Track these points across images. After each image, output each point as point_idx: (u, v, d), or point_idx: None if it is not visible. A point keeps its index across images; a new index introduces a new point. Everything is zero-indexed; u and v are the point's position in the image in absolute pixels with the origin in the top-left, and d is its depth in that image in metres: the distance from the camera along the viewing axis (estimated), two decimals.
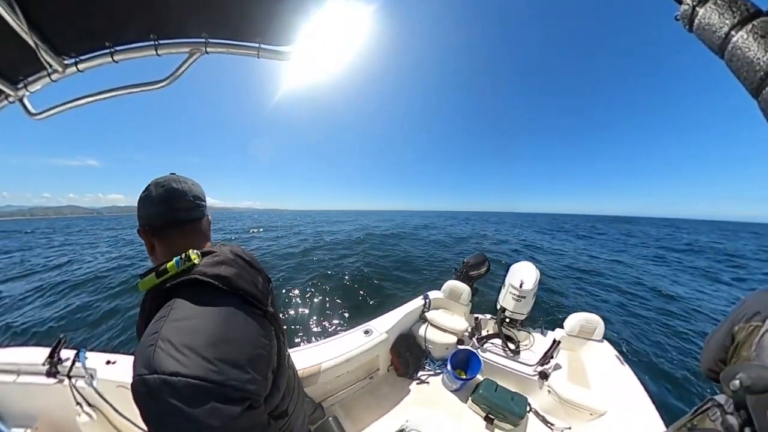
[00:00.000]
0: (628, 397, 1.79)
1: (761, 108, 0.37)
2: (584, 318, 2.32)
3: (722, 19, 0.41)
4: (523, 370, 2.29)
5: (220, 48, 1.20)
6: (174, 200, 0.72)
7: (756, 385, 0.57)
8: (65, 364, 1.50)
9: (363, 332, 2.39)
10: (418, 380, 2.46)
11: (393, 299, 5.74)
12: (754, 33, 0.38)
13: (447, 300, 3.01)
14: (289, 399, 0.84)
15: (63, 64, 1.05)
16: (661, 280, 8.85)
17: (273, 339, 0.74)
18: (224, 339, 0.57)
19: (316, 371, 2.00)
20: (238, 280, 0.69)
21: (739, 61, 0.39)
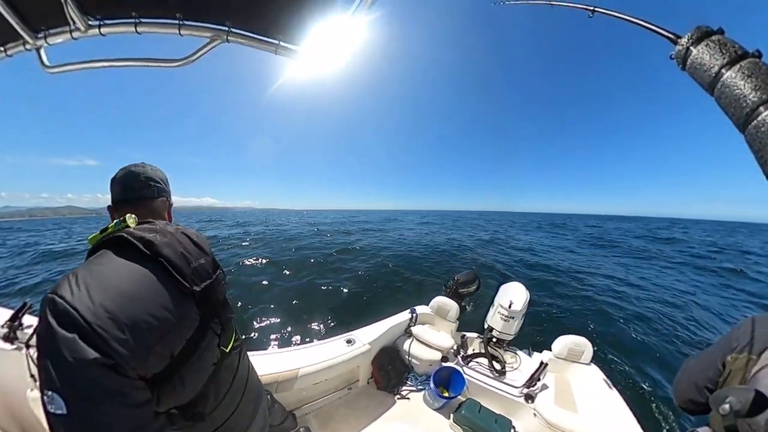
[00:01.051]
0: (616, 422, 1.72)
1: (747, 141, 0.40)
2: (572, 341, 2.28)
3: (713, 60, 0.45)
4: (509, 391, 2.20)
5: (240, 39, 1.24)
6: (128, 179, 0.87)
7: (746, 408, 0.55)
8: (26, 331, 1.40)
9: (345, 341, 2.31)
10: (399, 395, 2.34)
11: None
12: (742, 73, 0.42)
13: (434, 316, 2.95)
14: (215, 401, 0.81)
15: (87, 23, 1.09)
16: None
17: (186, 320, 0.72)
18: (118, 291, 0.60)
19: (292, 376, 1.89)
20: (163, 248, 0.72)
21: (728, 98, 0.43)
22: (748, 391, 0.57)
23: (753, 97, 0.39)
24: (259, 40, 1.23)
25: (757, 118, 0.38)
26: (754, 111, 0.39)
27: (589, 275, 8.75)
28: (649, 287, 7.78)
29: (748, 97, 0.39)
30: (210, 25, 1.20)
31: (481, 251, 12.27)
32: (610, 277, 8.63)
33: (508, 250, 13.28)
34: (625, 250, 15.86)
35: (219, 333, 0.85)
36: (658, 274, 9.75)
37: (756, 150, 0.39)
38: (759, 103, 0.38)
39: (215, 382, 0.82)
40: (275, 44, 1.22)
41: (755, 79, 0.40)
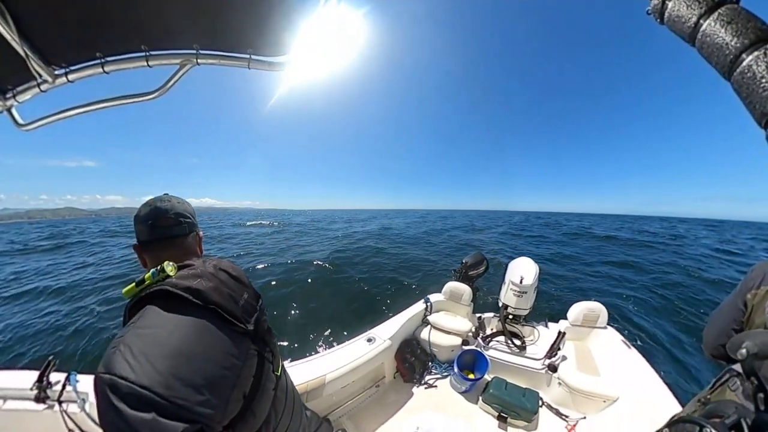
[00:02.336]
0: (638, 380, 1.77)
1: (734, 88, 0.40)
2: (587, 307, 2.32)
3: (690, 10, 0.44)
4: (531, 365, 2.25)
5: (210, 59, 1.22)
6: (156, 218, 0.79)
7: (763, 351, 0.58)
8: (55, 388, 1.41)
9: (366, 340, 2.34)
10: (425, 385, 2.39)
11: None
12: (721, 20, 0.41)
13: (448, 302, 2.98)
14: (275, 422, 0.83)
15: (53, 74, 1.06)
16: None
17: (249, 359, 0.71)
18: (184, 354, 0.56)
19: (320, 384, 1.92)
20: (212, 294, 0.68)
21: (709, 47, 0.42)
22: (763, 333, 0.59)
23: (735, 43, 0.39)
24: (229, 57, 1.21)
25: (741, 65, 0.38)
26: (738, 57, 0.38)
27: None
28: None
29: (730, 44, 0.39)
30: (177, 51, 1.17)
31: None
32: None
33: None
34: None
35: (271, 360, 0.86)
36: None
37: (744, 96, 0.39)
38: (742, 49, 0.38)
39: (275, 405, 0.84)
40: (246, 58, 1.20)
41: (735, 24, 0.39)
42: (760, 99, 0.37)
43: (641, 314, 5.45)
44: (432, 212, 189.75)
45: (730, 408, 0.62)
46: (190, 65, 1.24)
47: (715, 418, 0.62)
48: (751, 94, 0.37)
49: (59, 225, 59.70)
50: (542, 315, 2.82)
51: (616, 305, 5.71)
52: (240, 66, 1.24)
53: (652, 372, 1.78)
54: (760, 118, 0.37)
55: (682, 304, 5.98)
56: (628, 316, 5.27)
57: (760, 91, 0.36)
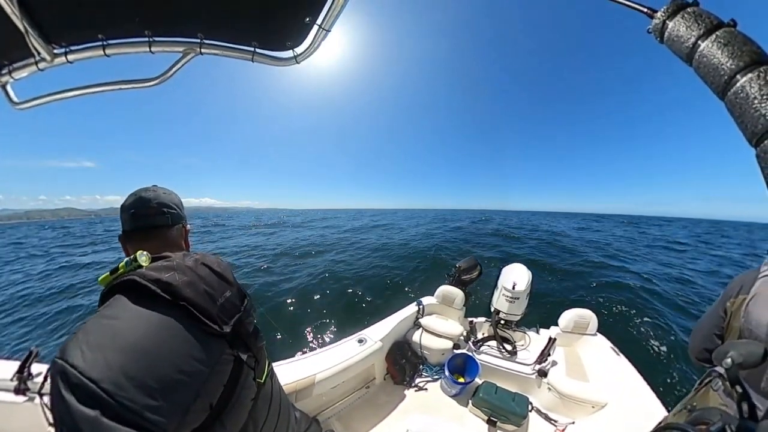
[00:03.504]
0: (627, 386, 1.79)
1: (727, 108, 0.42)
2: (577, 314, 2.35)
3: (689, 31, 0.46)
4: (522, 370, 2.26)
5: (214, 50, 1.20)
6: (138, 207, 0.78)
7: (747, 360, 0.60)
8: (36, 380, 1.35)
9: (357, 341, 2.32)
10: (416, 387, 2.38)
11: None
12: (718, 42, 0.43)
13: (441, 305, 2.99)
14: (252, 429, 0.77)
15: (52, 52, 1.03)
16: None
17: (221, 365, 0.66)
18: (140, 351, 0.51)
19: (310, 383, 1.90)
20: (184, 289, 0.63)
21: (706, 67, 0.44)
22: (747, 344, 0.62)
23: (730, 65, 0.40)
24: (233, 48, 1.19)
25: (735, 86, 0.40)
26: (732, 78, 0.40)
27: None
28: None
29: (726, 65, 0.41)
30: (181, 39, 1.15)
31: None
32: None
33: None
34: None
35: (253, 366, 0.80)
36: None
37: (736, 116, 0.40)
38: (736, 71, 0.40)
39: (253, 416, 0.78)
40: (251, 51, 1.18)
41: (731, 47, 0.41)
42: (751, 119, 0.38)
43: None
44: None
45: (715, 415, 0.64)
46: (193, 54, 1.22)
47: (701, 425, 0.64)
48: (743, 114, 0.39)
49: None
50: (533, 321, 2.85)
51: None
52: (244, 58, 1.23)
53: (640, 379, 1.81)
54: (751, 137, 0.39)
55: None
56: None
57: (751, 112, 0.38)
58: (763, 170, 0.38)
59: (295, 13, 1.04)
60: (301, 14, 1.05)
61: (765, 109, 0.37)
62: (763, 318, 0.76)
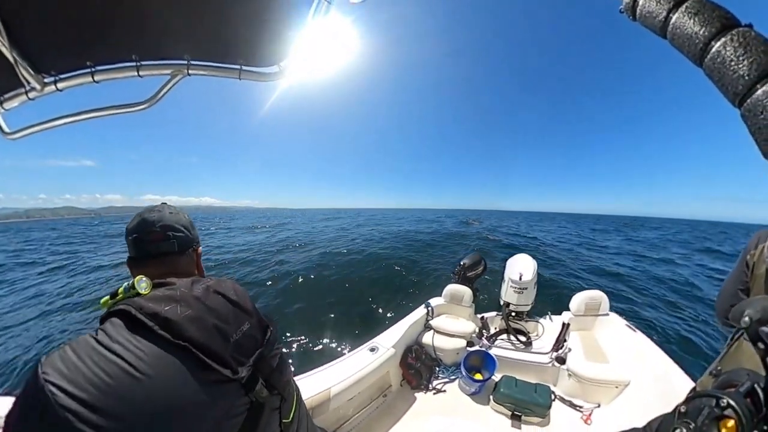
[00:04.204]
0: (648, 362, 1.75)
1: (706, 74, 0.44)
2: (588, 296, 2.33)
3: (659, 5, 0.48)
4: (539, 360, 2.21)
5: (201, 70, 1.23)
6: (140, 232, 0.70)
7: (765, 315, 0.59)
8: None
9: (369, 350, 2.27)
10: (434, 390, 2.31)
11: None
12: (689, 12, 0.45)
13: (449, 305, 2.94)
14: None
15: (42, 82, 1.05)
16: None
17: (233, 416, 0.58)
18: (127, 382, 0.45)
19: (325, 398, 1.84)
20: (186, 326, 0.55)
21: (680, 38, 0.46)
22: (763, 299, 0.63)
23: (703, 32, 0.42)
24: (220, 68, 1.22)
25: (710, 52, 0.41)
26: (707, 45, 0.42)
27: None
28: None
29: (699, 34, 0.42)
30: (168, 61, 1.19)
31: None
32: None
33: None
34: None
35: (279, 406, 0.71)
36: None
37: (716, 80, 0.42)
38: (710, 37, 0.41)
39: None
40: (237, 69, 1.21)
41: (701, 15, 0.43)
42: (731, 80, 0.40)
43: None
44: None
45: (743, 376, 0.63)
46: (181, 76, 1.25)
47: (729, 388, 0.62)
48: (723, 77, 0.41)
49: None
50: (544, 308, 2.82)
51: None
52: (231, 77, 1.26)
53: (660, 352, 1.77)
54: (733, 98, 0.40)
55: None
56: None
57: (730, 74, 0.40)
58: (750, 128, 0.39)
59: (278, 31, 1.08)
60: (285, 31, 1.08)
61: (742, 69, 0.38)
62: None
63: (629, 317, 3.12)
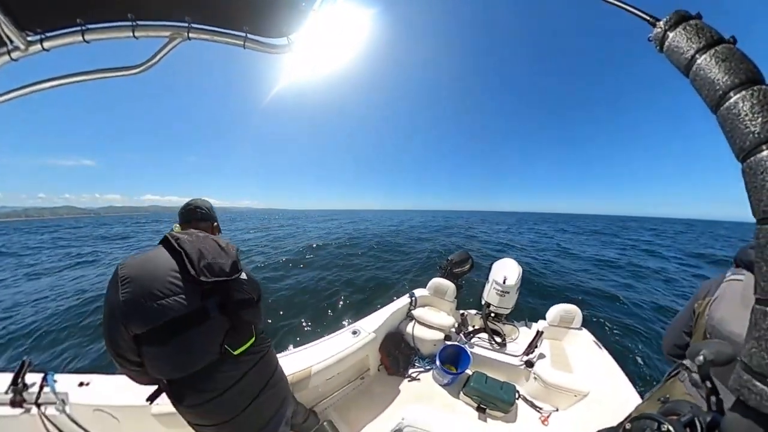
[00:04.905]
0: (607, 377, 1.92)
1: (719, 122, 0.43)
2: (563, 309, 2.46)
3: (689, 43, 0.47)
4: (510, 361, 2.38)
5: (203, 34, 1.12)
6: (184, 209, 1.23)
7: (718, 358, 0.65)
8: (32, 390, 1.30)
9: (351, 333, 2.35)
10: (409, 377, 2.46)
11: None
12: (716, 57, 0.43)
13: (433, 297, 3.05)
14: (208, 396, 0.94)
15: (26, 40, 0.92)
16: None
17: (185, 300, 0.91)
18: (150, 266, 0.93)
19: (306, 375, 1.93)
20: (185, 243, 0.99)
21: (702, 80, 0.45)
22: (719, 344, 0.68)
23: (726, 80, 0.41)
24: (223, 33, 1.12)
25: (728, 101, 0.41)
26: (726, 94, 0.41)
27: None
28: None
29: (721, 81, 0.42)
30: (167, 23, 1.07)
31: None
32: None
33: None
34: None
35: (227, 331, 0.99)
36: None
37: (727, 130, 0.42)
38: (731, 87, 0.41)
39: (212, 379, 0.96)
40: (242, 37, 1.12)
41: (729, 63, 0.42)
42: (740, 135, 0.40)
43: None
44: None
45: (686, 407, 0.70)
46: (180, 39, 1.13)
47: (672, 416, 0.70)
48: (733, 130, 0.41)
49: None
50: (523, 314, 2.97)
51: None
52: (234, 44, 1.16)
53: (620, 371, 1.94)
54: (739, 152, 0.41)
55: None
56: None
57: (741, 128, 0.40)
58: (747, 184, 0.40)
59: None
60: (297, 1, 0.99)
61: (754, 126, 0.38)
62: (724, 317, 0.84)
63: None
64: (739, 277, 0.84)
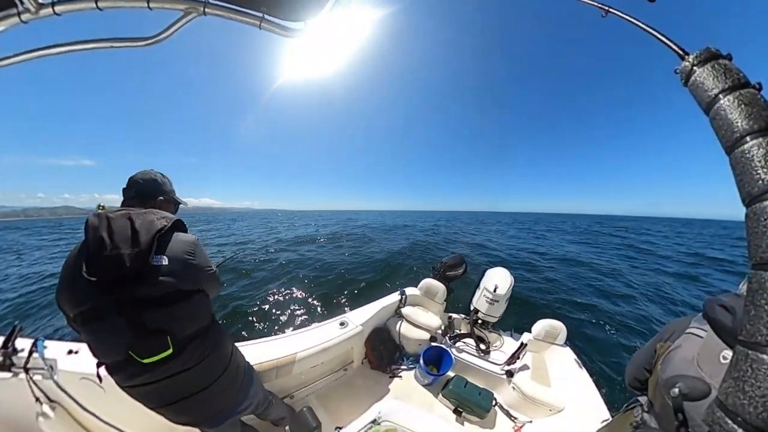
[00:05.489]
0: (583, 396, 1.97)
1: (731, 164, 0.44)
2: (549, 324, 2.50)
3: (715, 82, 0.47)
4: (492, 369, 2.43)
5: (219, 11, 1.08)
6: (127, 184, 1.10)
7: (692, 393, 0.68)
8: (21, 355, 1.31)
9: (338, 324, 2.38)
10: (391, 374, 2.51)
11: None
12: (739, 100, 0.44)
13: (423, 297, 3.07)
14: (131, 382, 0.91)
15: (37, 2, 0.88)
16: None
17: (79, 295, 0.83)
18: (72, 254, 0.88)
19: (290, 361, 1.96)
20: (89, 229, 0.86)
21: (722, 120, 0.45)
22: (694, 379, 0.71)
23: (744, 125, 0.42)
24: (240, 12, 1.09)
25: (743, 145, 0.42)
26: (743, 138, 0.42)
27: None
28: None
29: (740, 124, 0.43)
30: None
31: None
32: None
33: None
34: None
35: (125, 334, 0.85)
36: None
37: (737, 173, 0.43)
38: (749, 132, 0.42)
39: (130, 373, 0.90)
40: (259, 17, 1.09)
41: (750, 108, 0.43)
42: (750, 180, 0.41)
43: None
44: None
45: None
46: (195, 14, 1.09)
47: None
48: (744, 174, 0.41)
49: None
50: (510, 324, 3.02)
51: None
52: (251, 24, 1.12)
53: (595, 391, 1.99)
54: (746, 197, 0.41)
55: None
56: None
57: (752, 173, 0.40)
58: (748, 229, 0.41)
59: None
60: None
61: (765, 173, 0.39)
62: (675, 372, 0.81)
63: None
64: (700, 333, 0.82)
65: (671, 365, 0.84)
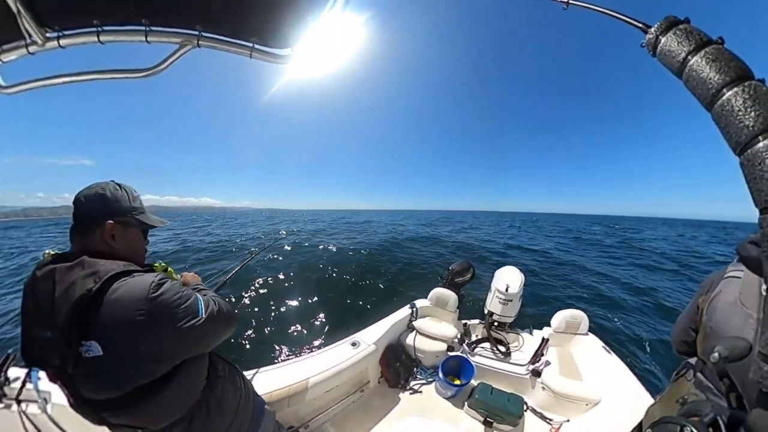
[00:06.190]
0: (618, 383, 1.83)
1: (714, 119, 0.45)
2: (569, 314, 2.39)
3: (680, 47, 0.50)
4: (516, 371, 2.27)
5: (212, 43, 1.18)
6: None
7: (732, 354, 0.63)
8: (14, 385, 1.25)
9: (350, 344, 2.28)
10: (410, 390, 2.35)
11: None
12: (707, 58, 0.46)
13: (434, 308, 2.97)
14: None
15: (44, 36, 0.99)
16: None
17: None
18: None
19: (303, 388, 1.84)
20: (24, 292, 0.68)
21: (695, 81, 0.47)
22: (733, 339, 0.66)
23: (717, 79, 0.43)
24: (231, 43, 1.19)
25: (721, 99, 0.43)
26: (719, 92, 0.43)
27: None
28: None
29: (713, 80, 0.44)
30: (179, 30, 1.14)
31: None
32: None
33: None
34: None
35: (91, 416, 0.72)
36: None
37: (722, 127, 0.43)
38: (723, 85, 0.43)
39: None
40: (249, 47, 1.18)
41: (719, 63, 0.44)
42: (735, 129, 0.41)
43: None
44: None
45: (707, 407, 0.67)
46: (190, 46, 1.20)
47: (693, 417, 0.66)
48: (728, 125, 0.42)
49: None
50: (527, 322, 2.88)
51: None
52: (242, 54, 1.22)
53: (631, 375, 1.85)
54: (735, 146, 0.42)
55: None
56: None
57: (736, 123, 0.41)
58: (746, 177, 0.41)
59: (296, 12, 1.05)
60: (302, 12, 1.05)
61: (748, 120, 0.40)
62: (721, 318, 0.81)
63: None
64: (738, 275, 0.81)
65: (716, 312, 0.82)
